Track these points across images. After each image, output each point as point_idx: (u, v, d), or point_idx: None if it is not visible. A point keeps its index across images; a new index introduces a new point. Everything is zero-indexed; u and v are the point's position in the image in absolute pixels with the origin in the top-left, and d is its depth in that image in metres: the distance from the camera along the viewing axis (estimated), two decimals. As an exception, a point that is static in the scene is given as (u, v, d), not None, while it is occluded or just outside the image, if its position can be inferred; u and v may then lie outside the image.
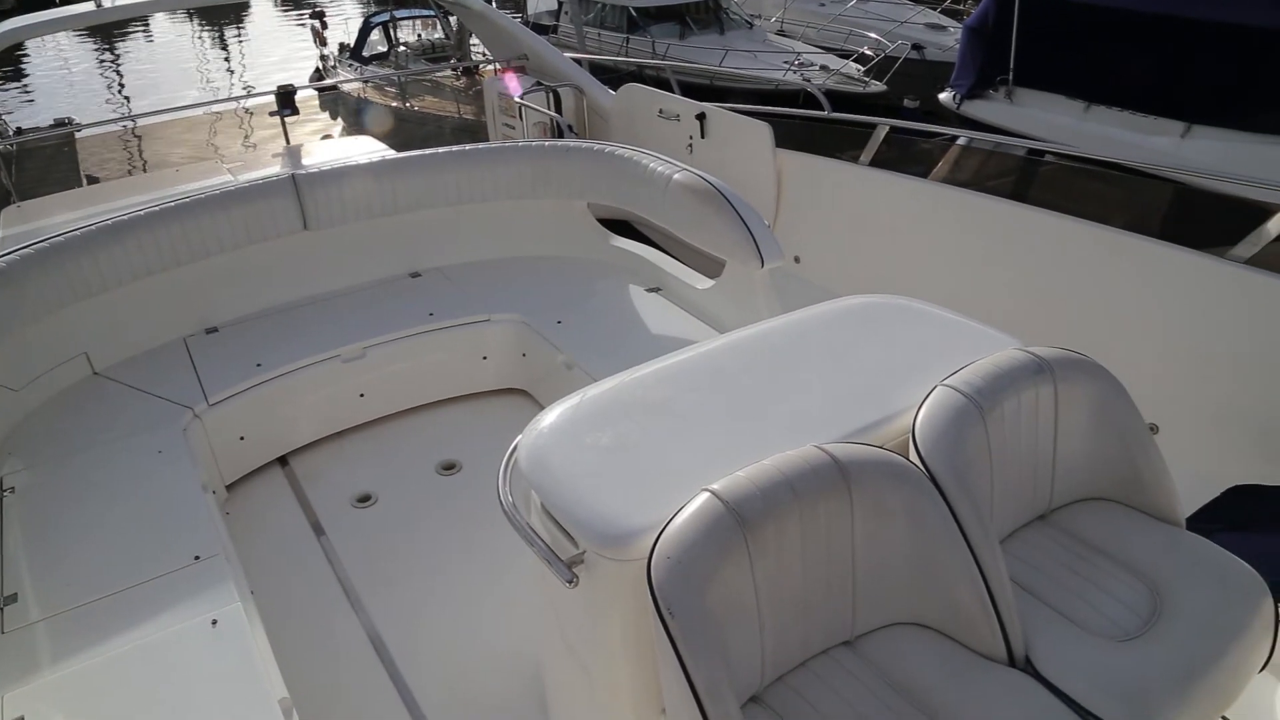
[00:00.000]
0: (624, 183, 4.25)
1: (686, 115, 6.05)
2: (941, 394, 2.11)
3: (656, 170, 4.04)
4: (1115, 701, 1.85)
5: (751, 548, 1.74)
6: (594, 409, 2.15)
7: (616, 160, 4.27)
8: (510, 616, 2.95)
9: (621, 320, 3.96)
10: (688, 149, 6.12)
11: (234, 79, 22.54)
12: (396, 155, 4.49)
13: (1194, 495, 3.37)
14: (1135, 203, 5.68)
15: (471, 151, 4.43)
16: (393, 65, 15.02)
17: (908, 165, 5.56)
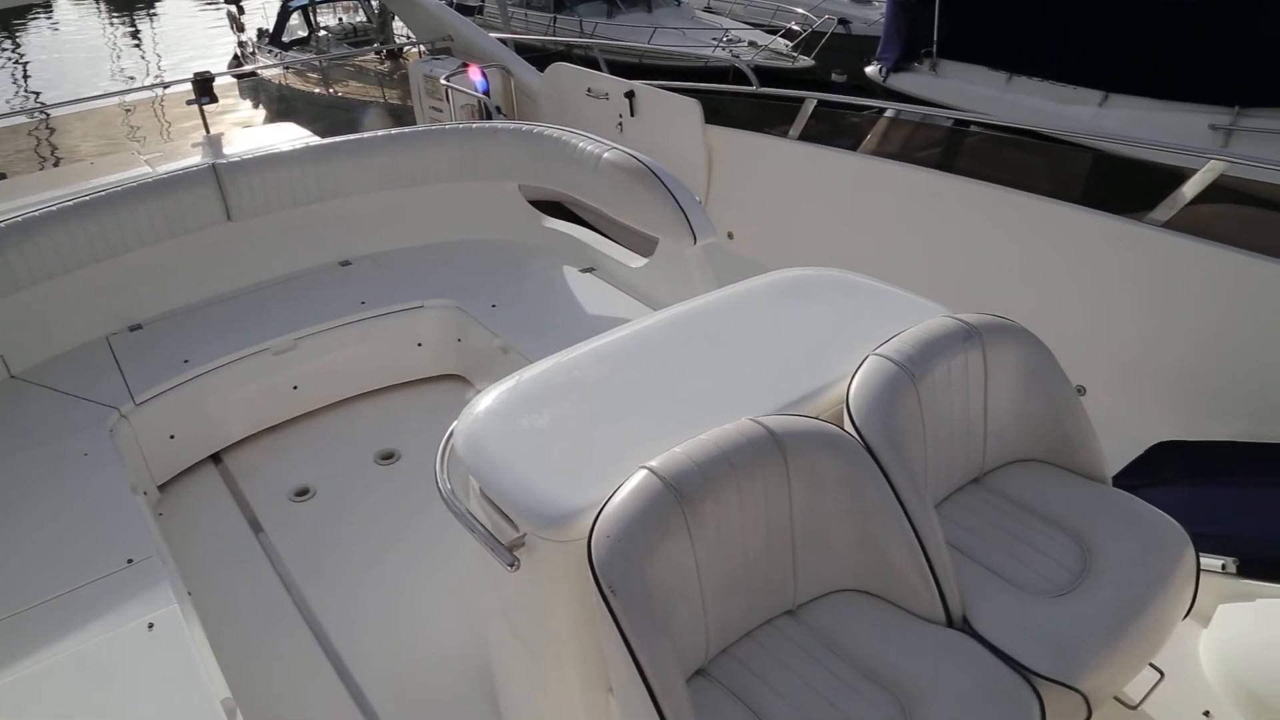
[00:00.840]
0: (554, 163, 4.22)
1: (615, 94, 6.03)
2: (873, 363, 2.14)
3: (586, 150, 4.02)
4: (1049, 655, 1.91)
5: (691, 523, 1.75)
6: (530, 391, 2.14)
7: (546, 141, 4.24)
8: (455, 604, 2.93)
9: (556, 301, 3.94)
10: (618, 128, 6.09)
11: (148, 67, 21.79)
12: (321, 141, 4.39)
13: (1121, 453, 3.49)
14: (1057, 170, 5.81)
15: (398, 136, 4.35)
16: (314, 50, 14.67)
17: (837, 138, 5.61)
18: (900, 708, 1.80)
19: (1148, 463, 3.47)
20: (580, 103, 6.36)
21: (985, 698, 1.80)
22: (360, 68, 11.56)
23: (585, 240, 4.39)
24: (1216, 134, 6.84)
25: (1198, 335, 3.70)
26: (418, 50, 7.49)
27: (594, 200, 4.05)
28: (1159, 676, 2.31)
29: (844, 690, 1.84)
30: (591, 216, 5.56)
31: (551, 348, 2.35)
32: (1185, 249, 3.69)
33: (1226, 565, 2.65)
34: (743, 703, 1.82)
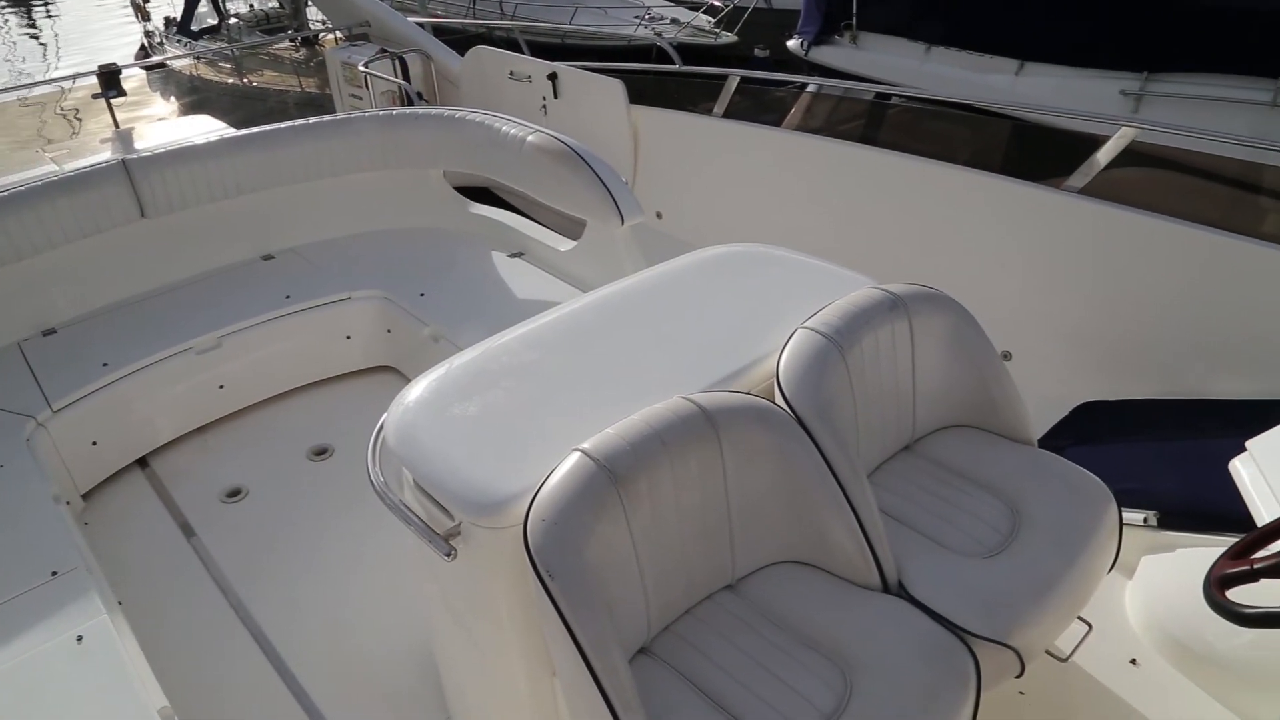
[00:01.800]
0: (478, 148, 4.16)
1: (538, 76, 5.97)
2: (802, 336, 2.16)
3: (510, 133, 3.97)
4: (983, 614, 1.96)
5: (626, 502, 1.75)
6: (460, 379, 2.12)
7: (468, 125, 4.18)
8: (396, 597, 2.90)
9: (485, 288, 3.90)
10: (542, 110, 6.04)
11: (49, 61, 20.92)
12: (237, 133, 4.26)
13: (1046, 415, 3.59)
14: (977, 140, 5.92)
15: (317, 125, 4.25)
16: (225, 39, 14.23)
17: (762, 114, 5.64)
18: (841, 674, 1.83)
19: (1072, 423, 3.57)
20: (503, 86, 6.28)
21: (923, 659, 1.84)
22: (275, 56, 11.25)
23: (513, 225, 4.35)
24: (1127, 100, 7.02)
25: (1116, 298, 3.80)
26: (334, 37, 7.31)
27: (519, 184, 4.01)
28: (1088, 629, 2.39)
29: (786, 660, 1.86)
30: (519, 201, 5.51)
31: (482, 334, 2.32)
32: (1101, 214, 3.79)
33: (1148, 519, 2.74)
34: (686, 678, 1.84)
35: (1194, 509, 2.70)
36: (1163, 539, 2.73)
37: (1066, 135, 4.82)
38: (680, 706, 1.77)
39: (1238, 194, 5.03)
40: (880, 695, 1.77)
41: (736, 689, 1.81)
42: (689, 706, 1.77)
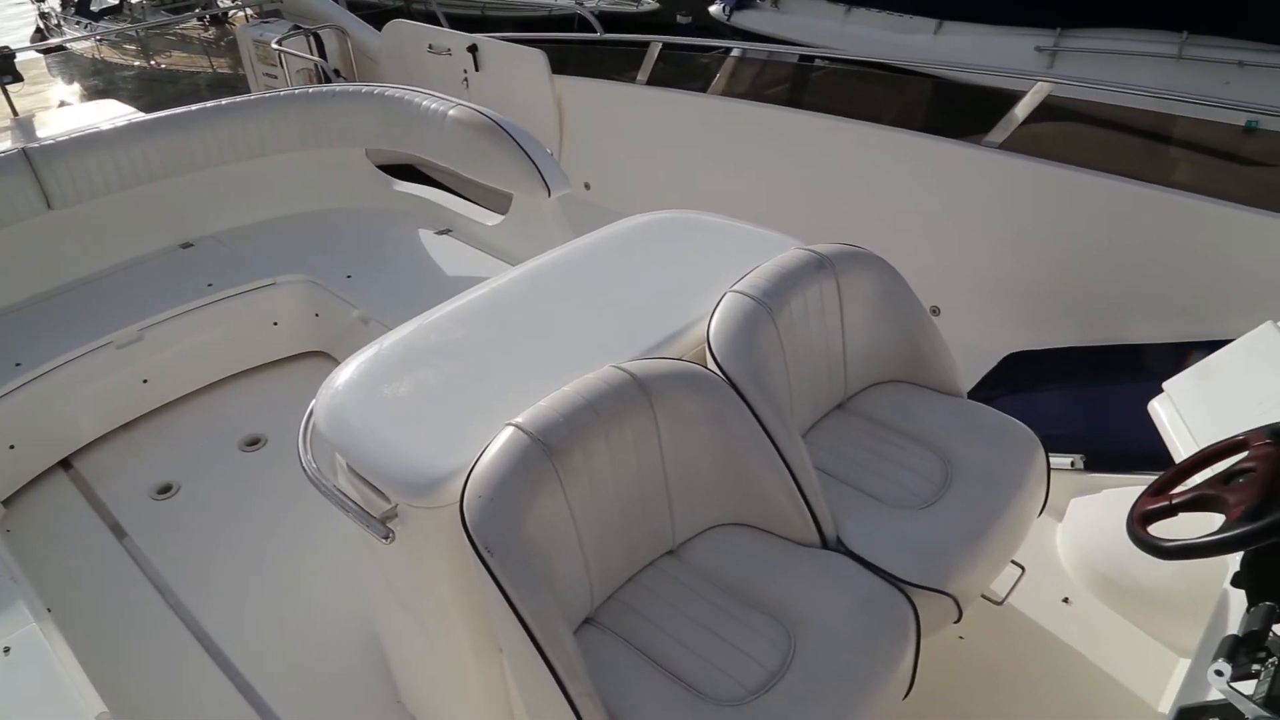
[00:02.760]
0: (399, 124, 4.08)
1: (458, 49, 5.86)
2: (731, 300, 2.17)
3: (431, 108, 3.90)
4: (919, 564, 2.00)
5: (562, 474, 1.75)
6: (390, 360, 2.08)
7: (388, 102, 4.09)
8: (338, 583, 2.86)
9: (413, 267, 3.84)
10: (463, 84, 5.94)
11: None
12: (146, 117, 4.11)
13: (976, 367, 3.67)
14: (900, 99, 5.98)
15: (230, 106, 4.12)
16: (128, 19, 13.65)
17: (687, 81, 5.62)
18: (785, 631, 1.86)
19: (1000, 374, 3.66)
20: (423, 60, 6.16)
21: (863, 611, 1.88)
22: (183, 36, 10.84)
23: (439, 202, 4.28)
24: (1042, 56, 7.15)
25: (1039, 250, 3.89)
26: (244, 14, 7.08)
27: (444, 160, 3.95)
28: (1021, 572, 2.46)
29: (730, 621, 1.88)
30: (445, 177, 5.42)
31: (412, 314, 2.29)
32: (1021, 169, 3.86)
33: (1075, 462, 2.83)
34: (632, 645, 1.85)
35: (1117, 451, 2.79)
36: (1089, 481, 2.82)
37: (985, 92, 4.90)
38: (627, 673, 1.78)
39: (1148, 144, 5.17)
40: (824, 649, 1.80)
41: (682, 652, 1.82)
42: (636, 673, 1.78)
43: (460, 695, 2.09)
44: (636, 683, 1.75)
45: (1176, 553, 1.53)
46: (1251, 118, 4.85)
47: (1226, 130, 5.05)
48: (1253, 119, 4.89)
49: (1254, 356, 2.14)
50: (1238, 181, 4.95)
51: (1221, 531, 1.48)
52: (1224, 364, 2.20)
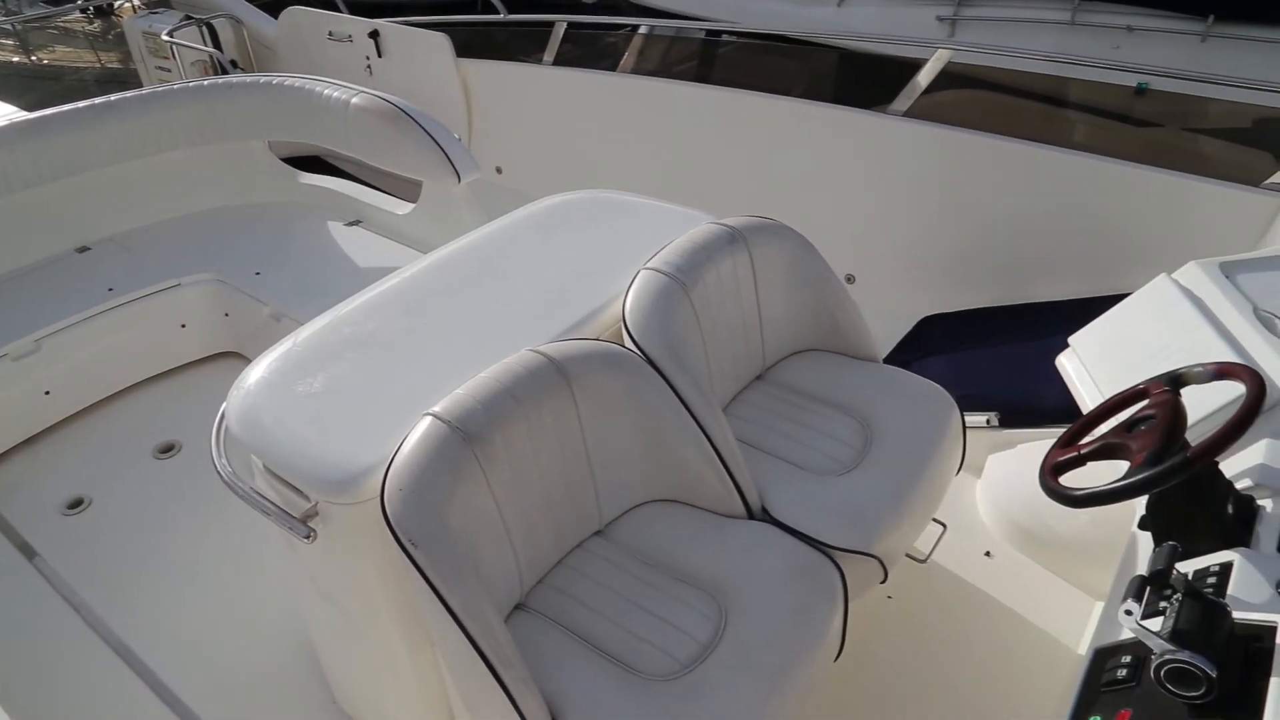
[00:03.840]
0: (300, 115, 3.97)
1: (359, 35, 5.72)
2: (645, 277, 2.17)
3: (333, 97, 3.80)
4: (844, 528, 2.04)
5: (483, 462, 1.73)
6: (302, 356, 2.03)
7: (287, 91, 3.97)
8: (265, 587, 2.79)
9: (324, 260, 3.75)
10: (366, 70, 5.80)
11: None
12: (30, 116, 3.91)
13: (892, 331, 3.74)
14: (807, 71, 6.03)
15: (120, 102, 3.95)
16: (2, 12, 12.98)
17: (595, 61, 5.57)
18: (716, 603, 1.87)
19: (916, 337, 3.73)
20: (323, 48, 6.00)
21: (792, 578, 1.90)
22: (66, 29, 10.33)
23: (347, 192, 4.19)
24: (943, 25, 7.27)
25: (948, 214, 3.97)
26: (132, 5, 6.79)
27: (349, 150, 3.86)
28: (943, 529, 2.53)
29: (661, 597, 1.89)
30: (353, 167, 5.30)
31: (325, 309, 2.24)
32: (927, 135, 3.93)
33: (990, 420, 2.91)
34: (564, 628, 1.84)
35: (1029, 406, 2.88)
36: (1004, 437, 2.90)
37: (889, 62, 4.97)
38: (560, 656, 1.78)
39: (1046, 108, 5.32)
40: (754, 618, 1.82)
41: (615, 631, 1.83)
42: (569, 655, 1.78)
43: (396, 691, 2.06)
44: (570, 664, 1.75)
45: (1086, 501, 1.58)
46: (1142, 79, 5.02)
47: (1119, 92, 5.21)
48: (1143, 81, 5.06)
49: (1151, 308, 2.22)
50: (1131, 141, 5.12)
51: (1126, 477, 1.54)
52: (1124, 317, 2.28)
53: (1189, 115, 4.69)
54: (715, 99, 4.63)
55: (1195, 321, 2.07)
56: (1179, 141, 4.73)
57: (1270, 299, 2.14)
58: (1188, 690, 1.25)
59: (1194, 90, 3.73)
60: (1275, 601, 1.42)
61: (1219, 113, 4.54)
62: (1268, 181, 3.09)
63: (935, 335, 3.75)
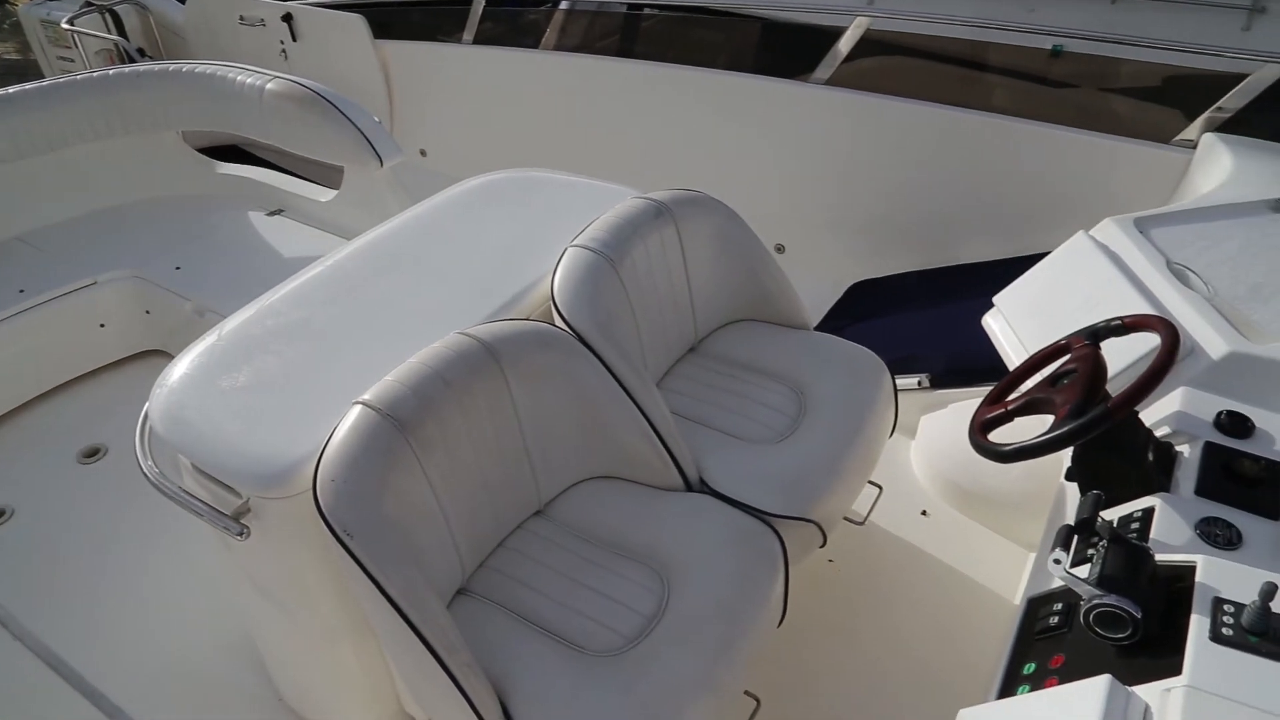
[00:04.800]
0: (213, 103, 3.85)
1: (271, 18, 5.55)
2: (572, 254, 2.15)
3: (246, 83, 3.69)
4: (782, 495, 2.06)
5: (416, 448, 1.71)
6: (226, 350, 1.98)
7: (197, 79, 3.84)
8: (203, 589, 2.73)
9: (246, 252, 3.66)
10: (281, 55, 5.64)
11: None
12: None
13: (824, 299, 3.78)
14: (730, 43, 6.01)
15: (19, 95, 3.78)
16: None
17: (517, 38, 5.49)
18: (658, 576, 1.88)
19: (846, 304, 3.78)
20: (235, 33, 5.81)
21: (732, 546, 1.92)
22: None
23: (268, 181, 4.08)
24: (863, -9, 7.33)
25: (873, 181, 4.01)
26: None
27: (266, 137, 3.75)
28: (879, 491, 2.57)
29: (603, 573, 1.89)
30: (275, 155, 5.16)
31: (249, 301, 2.18)
32: (849, 103, 3.96)
33: (921, 381, 2.96)
34: (508, 610, 1.84)
35: (959, 366, 2.94)
36: (936, 398, 2.96)
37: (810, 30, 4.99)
38: (505, 638, 1.77)
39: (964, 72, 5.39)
40: (697, 589, 1.84)
41: (559, 610, 1.82)
42: (514, 636, 1.77)
43: (342, 684, 2.04)
44: (516, 646, 1.75)
45: (1013, 456, 1.62)
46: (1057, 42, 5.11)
47: (1035, 54, 5.30)
48: (1058, 43, 5.16)
49: (1070, 265, 2.27)
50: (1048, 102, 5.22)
51: (1050, 431, 1.58)
52: (1045, 275, 2.33)
53: (1102, 76, 4.77)
54: (639, 73, 4.61)
55: (1112, 276, 2.13)
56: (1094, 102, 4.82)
57: (1182, 251, 2.21)
58: (1115, 632, 1.29)
59: (1106, 51, 3.81)
60: (1195, 543, 1.48)
61: (1130, 73, 4.63)
62: (1177, 138, 3.18)
63: (865, 301, 3.80)
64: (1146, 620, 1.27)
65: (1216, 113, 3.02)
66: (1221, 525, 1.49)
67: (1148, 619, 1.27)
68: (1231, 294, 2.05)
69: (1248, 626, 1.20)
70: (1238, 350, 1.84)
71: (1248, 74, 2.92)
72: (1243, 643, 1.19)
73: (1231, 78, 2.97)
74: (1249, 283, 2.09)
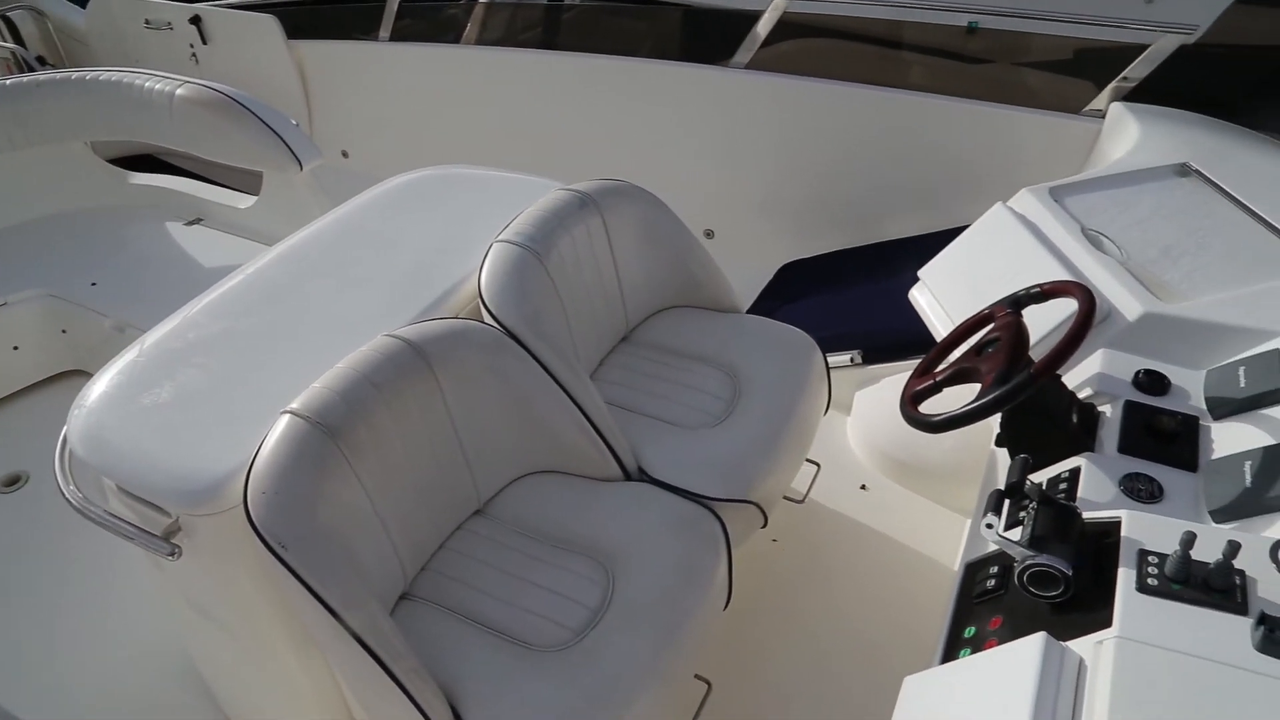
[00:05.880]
0: (120, 111, 3.72)
1: (179, 21, 5.39)
2: (498, 250, 2.13)
3: (155, 90, 3.58)
4: (720, 479, 2.07)
5: (348, 454, 1.68)
6: (146, 366, 1.92)
7: (103, 87, 3.72)
8: (139, 614, 2.65)
9: (165, 264, 3.56)
10: (192, 60, 5.48)
11: None
12: None
13: (756, 281, 3.80)
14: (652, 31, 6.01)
15: None
16: None
17: (437, 34, 5.41)
18: (602, 568, 1.88)
19: (777, 285, 3.81)
20: (142, 37, 5.63)
21: (673, 533, 1.92)
22: None
23: (184, 190, 3.97)
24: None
25: (799, 161, 4.04)
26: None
27: (179, 145, 3.64)
28: (817, 468, 2.60)
29: (546, 568, 1.89)
30: (192, 163, 5.02)
31: (170, 314, 2.12)
32: (770, 86, 3.98)
33: (854, 358, 3.00)
34: (452, 612, 1.82)
35: (889, 341, 2.98)
36: (869, 373, 3.00)
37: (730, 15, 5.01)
38: (451, 640, 1.75)
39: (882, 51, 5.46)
40: (641, 578, 1.84)
41: (504, 608, 1.81)
42: (460, 638, 1.76)
43: (290, 699, 2.00)
44: (462, 648, 1.73)
45: (943, 425, 1.65)
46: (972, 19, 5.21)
47: (951, 32, 5.39)
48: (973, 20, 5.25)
49: (990, 236, 2.32)
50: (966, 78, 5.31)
51: (978, 399, 1.61)
52: (966, 247, 2.38)
53: (1017, 50, 4.87)
54: (562, 65, 4.58)
55: (1030, 245, 2.18)
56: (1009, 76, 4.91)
57: (1096, 218, 2.27)
58: (1049, 590, 1.32)
59: (1021, 27, 3.89)
60: (1120, 499, 1.52)
61: (1042, 47, 4.73)
62: (1087, 108, 3.26)
63: (795, 281, 3.83)
64: (1078, 577, 1.31)
65: (1122, 82, 3.10)
66: (1144, 480, 1.54)
67: (1079, 575, 1.31)
68: (1144, 257, 2.11)
69: (1171, 575, 1.24)
70: (1152, 311, 1.90)
71: (1149, 44, 3.01)
72: (1167, 591, 1.23)
73: (1135, 49, 3.06)
74: (1159, 245, 2.15)
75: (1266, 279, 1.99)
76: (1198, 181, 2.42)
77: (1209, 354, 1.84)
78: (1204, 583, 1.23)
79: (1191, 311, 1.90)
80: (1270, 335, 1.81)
